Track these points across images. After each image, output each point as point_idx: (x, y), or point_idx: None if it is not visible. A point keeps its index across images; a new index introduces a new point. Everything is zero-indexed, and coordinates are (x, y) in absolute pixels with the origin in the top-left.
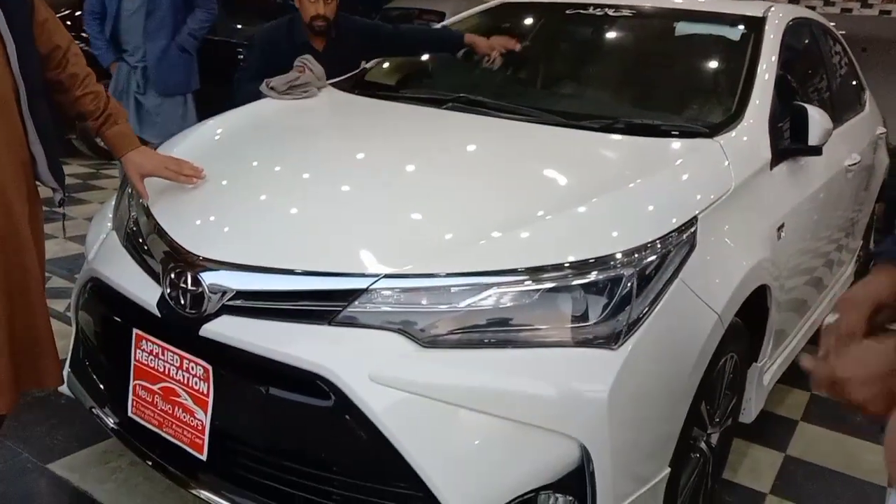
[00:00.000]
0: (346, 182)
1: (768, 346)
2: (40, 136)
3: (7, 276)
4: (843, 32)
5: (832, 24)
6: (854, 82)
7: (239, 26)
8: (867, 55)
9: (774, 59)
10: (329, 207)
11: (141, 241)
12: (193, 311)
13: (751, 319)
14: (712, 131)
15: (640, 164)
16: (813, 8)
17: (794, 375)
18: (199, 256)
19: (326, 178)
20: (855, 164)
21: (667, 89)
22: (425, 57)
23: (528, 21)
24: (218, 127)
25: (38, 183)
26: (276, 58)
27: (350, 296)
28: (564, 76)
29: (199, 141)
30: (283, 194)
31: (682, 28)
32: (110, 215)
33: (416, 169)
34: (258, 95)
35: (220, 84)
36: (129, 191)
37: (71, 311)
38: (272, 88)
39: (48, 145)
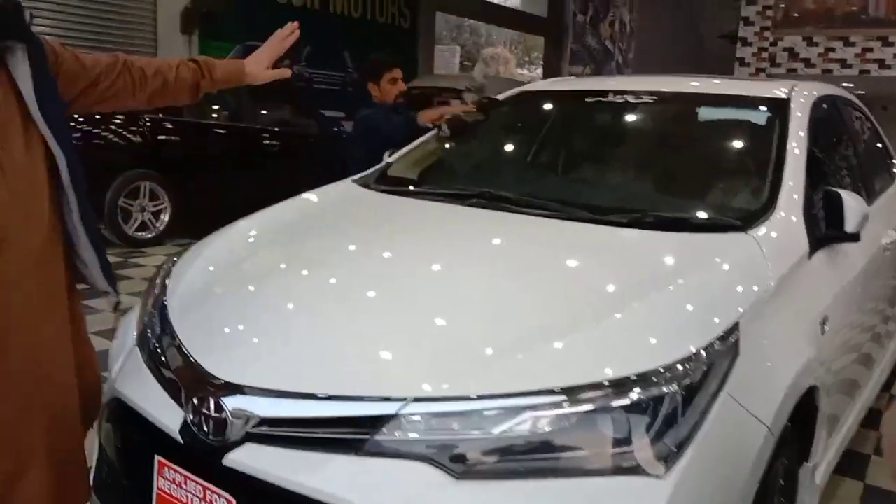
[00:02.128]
0: (373, 291)
1: (819, 444)
2: (92, 244)
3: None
4: (862, 93)
5: (849, 84)
6: (882, 153)
7: (263, 112)
8: (888, 113)
9: (803, 142)
10: (355, 322)
11: (164, 360)
12: (217, 439)
13: (799, 417)
14: (745, 223)
15: (674, 263)
16: (794, 70)
17: (847, 465)
18: (221, 380)
19: (352, 287)
20: (892, 241)
21: (693, 178)
22: (446, 146)
23: (549, 110)
24: (249, 229)
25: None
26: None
27: (378, 422)
28: (588, 167)
29: (228, 244)
30: (308, 308)
31: (706, 113)
32: (134, 330)
33: (443, 276)
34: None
35: (246, 171)
36: (150, 305)
37: (94, 429)
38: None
39: (100, 251)
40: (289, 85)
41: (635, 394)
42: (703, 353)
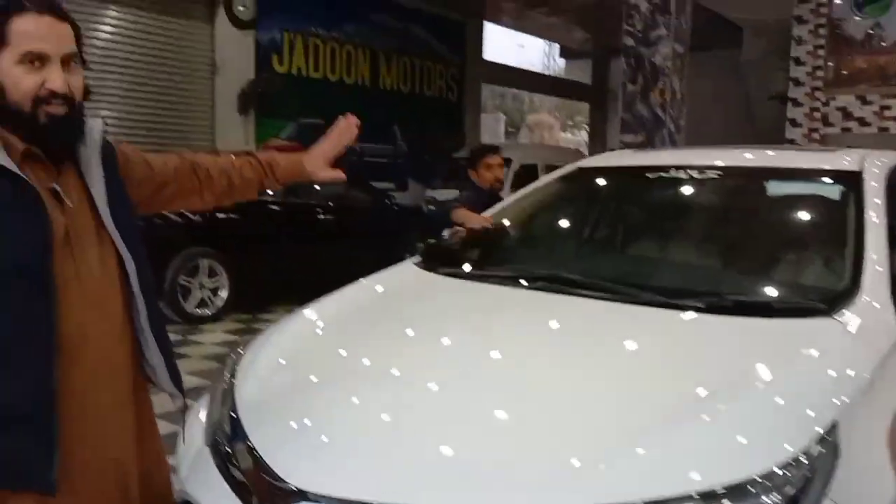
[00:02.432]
0: (442, 389)
1: None
2: (160, 348)
3: None
4: None
5: None
6: None
7: (316, 187)
8: None
9: (882, 215)
10: (427, 425)
11: (234, 461)
12: None
13: None
14: (830, 306)
15: (759, 354)
16: (848, 129)
17: None
18: (294, 487)
19: (422, 385)
20: None
21: (769, 258)
22: (504, 225)
23: (610, 186)
24: (316, 318)
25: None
26: None
27: None
28: (656, 247)
29: (296, 335)
30: (381, 409)
31: (775, 188)
32: (202, 426)
33: (514, 372)
34: None
35: (302, 245)
36: (218, 401)
37: None
38: None
39: (168, 356)
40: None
41: None
42: (802, 456)
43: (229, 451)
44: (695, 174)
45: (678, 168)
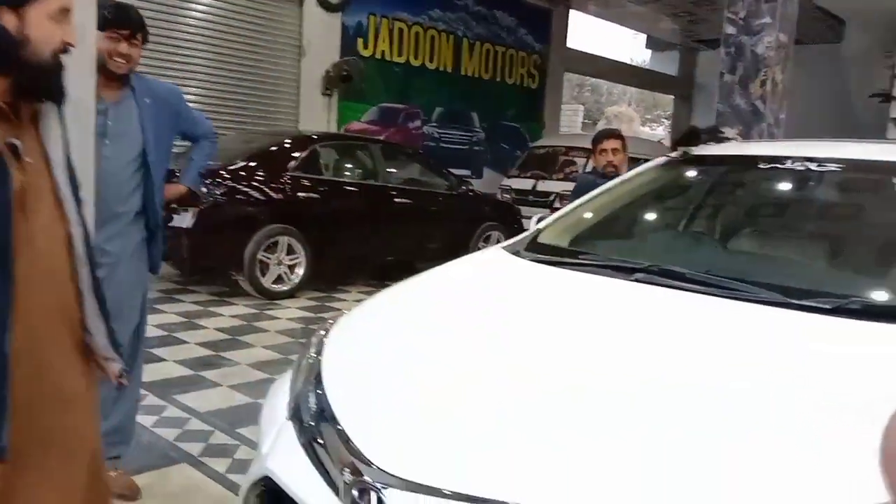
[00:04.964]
0: (546, 385)
1: None
2: (101, 311)
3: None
4: None
5: None
6: None
7: (392, 170)
8: None
9: None
10: (531, 420)
11: (320, 441)
12: None
13: None
14: None
15: None
16: None
17: None
18: (386, 472)
19: (522, 376)
20: None
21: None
22: (600, 211)
23: (720, 175)
24: (404, 299)
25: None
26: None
27: None
28: (772, 243)
29: (383, 316)
30: (476, 399)
31: None
32: (286, 398)
33: (625, 373)
34: None
35: (377, 227)
36: (303, 379)
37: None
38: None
39: (107, 321)
40: (419, 144)
41: None
42: None
43: (316, 430)
44: (813, 167)
45: (795, 159)
